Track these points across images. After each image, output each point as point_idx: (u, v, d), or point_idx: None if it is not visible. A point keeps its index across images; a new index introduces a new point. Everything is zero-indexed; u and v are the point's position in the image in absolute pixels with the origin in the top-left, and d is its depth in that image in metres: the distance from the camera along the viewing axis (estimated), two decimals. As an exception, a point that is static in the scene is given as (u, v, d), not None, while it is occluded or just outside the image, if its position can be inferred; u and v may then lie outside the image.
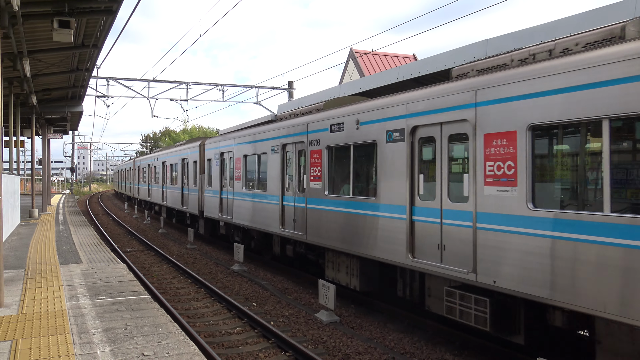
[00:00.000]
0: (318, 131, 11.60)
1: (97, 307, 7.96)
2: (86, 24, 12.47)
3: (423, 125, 8.41)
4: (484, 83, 7.22)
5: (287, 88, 29.90)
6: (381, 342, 8.81)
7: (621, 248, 5.47)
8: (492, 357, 7.99)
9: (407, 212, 8.66)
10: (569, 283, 5.99)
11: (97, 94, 27.46)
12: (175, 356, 5.79)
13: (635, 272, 5.33)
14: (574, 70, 5.95)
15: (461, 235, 7.58)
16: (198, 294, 12.37)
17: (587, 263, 5.81)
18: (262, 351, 8.35)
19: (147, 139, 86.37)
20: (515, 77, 6.71)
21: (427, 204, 8.33)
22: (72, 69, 17.26)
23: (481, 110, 7.19)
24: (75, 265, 11.63)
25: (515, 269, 6.65)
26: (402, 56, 35.11)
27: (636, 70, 5.32)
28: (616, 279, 5.51)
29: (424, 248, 8.38)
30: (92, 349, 5.97)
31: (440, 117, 7.98)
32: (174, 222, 28.36)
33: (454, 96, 7.67)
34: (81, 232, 19.01)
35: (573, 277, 5.95)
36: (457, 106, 7.61)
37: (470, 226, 7.38)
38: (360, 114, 10.10)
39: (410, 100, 8.67)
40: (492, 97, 7.00)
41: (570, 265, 5.98)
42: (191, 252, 18.90)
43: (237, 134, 17.00)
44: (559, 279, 6.10)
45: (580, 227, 5.89)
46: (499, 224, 6.89)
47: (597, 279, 5.69)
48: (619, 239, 5.49)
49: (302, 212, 12.27)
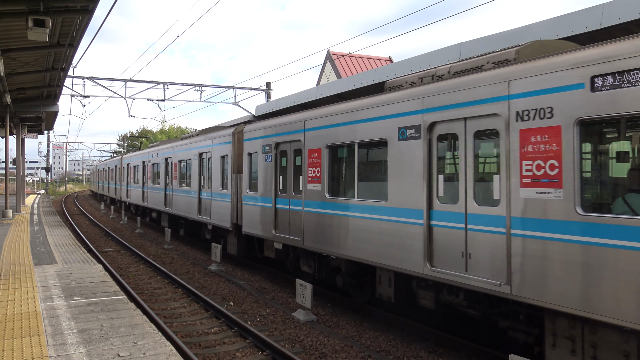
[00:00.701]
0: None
1: (72, 308, 7.91)
2: (62, 23, 12.33)
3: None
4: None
5: (265, 89, 29.89)
6: (357, 340, 8.92)
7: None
8: (466, 354, 8.16)
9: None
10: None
11: (73, 94, 27.07)
12: (152, 357, 5.81)
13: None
14: None
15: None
16: (175, 294, 12.34)
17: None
18: (239, 351, 8.39)
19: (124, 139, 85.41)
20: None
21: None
22: (47, 68, 17.02)
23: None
24: (50, 266, 11.51)
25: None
26: (378, 58, 35.39)
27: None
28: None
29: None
30: (66, 350, 5.96)
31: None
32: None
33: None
34: (56, 232, 18.76)
35: None
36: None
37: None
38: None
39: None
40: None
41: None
42: (168, 252, 18.81)
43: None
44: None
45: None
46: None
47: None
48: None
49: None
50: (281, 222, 12.22)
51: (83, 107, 30.98)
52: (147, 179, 26.59)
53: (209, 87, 29.53)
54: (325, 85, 17.70)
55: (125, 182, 33.38)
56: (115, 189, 38.12)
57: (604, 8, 8.29)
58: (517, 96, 6.47)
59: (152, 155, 25.65)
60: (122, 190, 34.68)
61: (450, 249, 7.41)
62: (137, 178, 29.27)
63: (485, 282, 6.81)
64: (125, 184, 33.35)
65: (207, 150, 17.62)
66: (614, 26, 8.22)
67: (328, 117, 10.46)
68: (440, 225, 7.59)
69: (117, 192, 37.13)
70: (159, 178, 24.15)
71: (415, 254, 7.98)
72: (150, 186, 25.93)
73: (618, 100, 5.44)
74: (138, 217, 27.79)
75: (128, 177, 32.45)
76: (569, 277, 5.83)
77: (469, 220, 7.15)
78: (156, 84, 27.87)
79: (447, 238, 7.47)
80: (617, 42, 5.72)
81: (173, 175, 21.71)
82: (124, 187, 34.15)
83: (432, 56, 11.93)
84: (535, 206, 6.21)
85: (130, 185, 31.59)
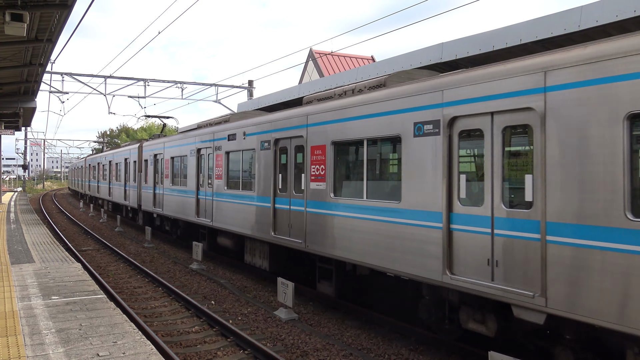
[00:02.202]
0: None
1: (50, 307, 7.80)
2: (40, 17, 12.13)
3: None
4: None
5: (247, 87, 29.79)
6: (339, 338, 8.95)
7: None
8: (446, 351, 8.24)
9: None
10: None
11: (52, 90, 26.71)
12: (132, 356, 5.76)
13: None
14: None
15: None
16: (156, 293, 12.24)
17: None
18: (221, 349, 8.36)
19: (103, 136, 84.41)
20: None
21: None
22: (24, 64, 16.72)
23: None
24: (28, 265, 11.33)
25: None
26: (361, 57, 35.50)
27: None
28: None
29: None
30: (44, 350, 5.88)
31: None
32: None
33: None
34: (34, 230, 18.47)
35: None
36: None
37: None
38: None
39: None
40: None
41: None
42: (149, 251, 18.64)
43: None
44: None
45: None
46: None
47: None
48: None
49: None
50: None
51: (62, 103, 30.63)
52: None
53: (191, 85, 29.34)
54: (307, 84, 17.71)
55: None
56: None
57: (582, 10, 8.43)
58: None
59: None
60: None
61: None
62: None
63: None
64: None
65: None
66: (591, 28, 8.37)
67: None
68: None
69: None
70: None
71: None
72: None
73: None
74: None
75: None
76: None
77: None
78: (137, 80, 27.62)
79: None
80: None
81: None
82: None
83: (414, 55, 12.01)
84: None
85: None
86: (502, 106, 6.46)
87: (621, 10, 7.90)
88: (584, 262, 5.56)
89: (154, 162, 20.78)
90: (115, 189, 28.78)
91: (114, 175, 28.93)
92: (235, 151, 13.72)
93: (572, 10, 8.52)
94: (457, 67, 9.98)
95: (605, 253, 5.37)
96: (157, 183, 20.41)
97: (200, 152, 16.11)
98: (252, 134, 12.79)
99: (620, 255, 5.26)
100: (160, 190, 20.03)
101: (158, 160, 20.53)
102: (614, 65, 5.36)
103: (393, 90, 8.36)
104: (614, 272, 5.30)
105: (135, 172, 23.66)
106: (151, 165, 21.17)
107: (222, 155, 14.36)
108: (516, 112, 6.35)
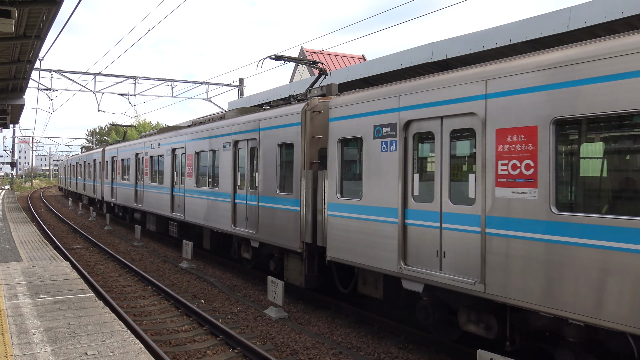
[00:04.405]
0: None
1: (38, 306, 7.75)
2: (28, 14, 12.01)
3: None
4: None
5: (238, 85, 29.69)
6: (329, 337, 8.96)
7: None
8: (435, 349, 8.28)
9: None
10: None
11: (40, 87, 26.46)
12: (120, 355, 5.74)
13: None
14: None
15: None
16: (145, 292, 12.19)
17: None
18: (210, 348, 8.34)
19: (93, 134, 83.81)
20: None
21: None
22: (12, 60, 16.54)
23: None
24: (15, 264, 11.24)
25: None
26: (352, 56, 35.53)
27: None
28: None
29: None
30: (32, 349, 5.84)
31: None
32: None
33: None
34: (22, 229, 18.31)
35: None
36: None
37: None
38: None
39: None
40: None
41: None
42: (138, 250, 18.55)
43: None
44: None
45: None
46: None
47: None
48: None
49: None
50: None
51: (50, 100, 30.22)
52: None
53: (181, 83, 29.20)
54: (298, 82, 17.70)
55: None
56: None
57: (571, 11, 8.49)
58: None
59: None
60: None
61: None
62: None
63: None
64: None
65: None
66: (580, 29, 8.44)
67: None
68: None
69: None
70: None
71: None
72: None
73: None
74: (107, 213, 27.32)
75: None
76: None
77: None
78: (126, 78, 27.45)
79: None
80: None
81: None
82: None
83: (405, 55, 12.05)
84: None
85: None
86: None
87: (609, 11, 7.97)
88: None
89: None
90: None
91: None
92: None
93: (561, 11, 8.58)
94: (447, 67, 10.02)
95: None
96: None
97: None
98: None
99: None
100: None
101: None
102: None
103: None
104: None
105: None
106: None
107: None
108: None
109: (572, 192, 6.08)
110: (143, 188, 20.98)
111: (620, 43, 5.49)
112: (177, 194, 17.20)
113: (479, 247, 6.65)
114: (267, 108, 12.41)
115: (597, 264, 5.43)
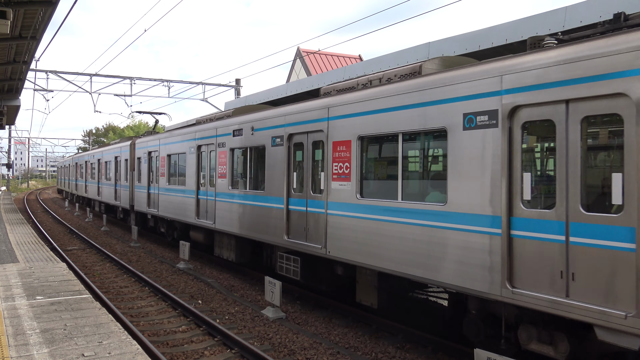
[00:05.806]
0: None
1: (35, 307, 7.73)
2: (24, 14, 11.98)
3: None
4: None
5: (235, 85, 29.67)
6: (326, 337, 8.97)
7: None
8: (433, 349, 8.29)
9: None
10: None
11: (36, 88, 26.40)
12: (117, 356, 5.73)
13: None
14: None
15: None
16: (142, 293, 12.17)
17: None
18: (208, 349, 8.33)
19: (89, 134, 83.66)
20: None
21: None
22: (8, 61, 16.50)
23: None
24: (12, 265, 11.21)
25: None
26: (348, 56, 35.56)
27: None
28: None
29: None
30: (28, 351, 5.82)
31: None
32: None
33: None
34: (18, 230, 18.26)
35: None
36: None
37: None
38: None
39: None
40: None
41: None
42: (135, 250, 18.52)
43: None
44: None
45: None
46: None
47: None
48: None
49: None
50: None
51: (46, 101, 30.15)
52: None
53: (177, 83, 29.18)
54: (295, 82, 17.69)
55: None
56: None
57: (566, 11, 8.52)
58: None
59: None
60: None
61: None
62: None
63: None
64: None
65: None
66: (576, 29, 8.46)
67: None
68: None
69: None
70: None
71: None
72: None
73: None
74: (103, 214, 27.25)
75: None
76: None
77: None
78: (123, 78, 27.40)
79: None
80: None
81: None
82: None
83: (401, 55, 12.06)
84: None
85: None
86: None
87: (604, 10, 7.99)
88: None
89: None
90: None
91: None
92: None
93: (557, 10, 8.61)
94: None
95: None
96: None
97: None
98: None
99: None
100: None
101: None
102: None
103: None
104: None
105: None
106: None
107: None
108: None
109: None
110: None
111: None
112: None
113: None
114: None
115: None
